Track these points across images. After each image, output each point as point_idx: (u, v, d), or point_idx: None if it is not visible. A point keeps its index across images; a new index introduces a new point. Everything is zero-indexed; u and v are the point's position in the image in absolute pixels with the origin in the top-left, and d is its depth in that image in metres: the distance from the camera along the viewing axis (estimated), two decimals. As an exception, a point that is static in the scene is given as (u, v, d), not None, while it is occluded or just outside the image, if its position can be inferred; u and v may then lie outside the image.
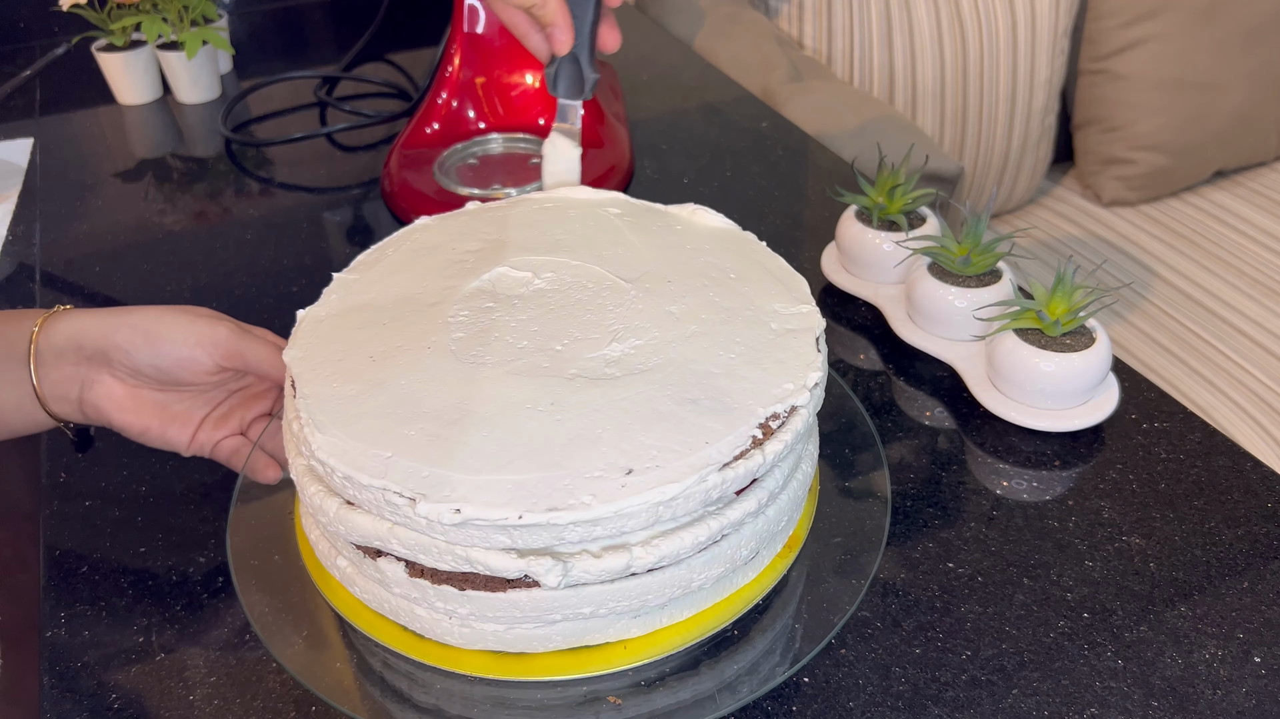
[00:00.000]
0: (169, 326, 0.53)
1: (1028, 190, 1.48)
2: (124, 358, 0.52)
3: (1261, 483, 0.57)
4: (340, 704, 0.46)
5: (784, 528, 0.50)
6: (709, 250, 0.55)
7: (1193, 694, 0.47)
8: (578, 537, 0.41)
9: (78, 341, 0.53)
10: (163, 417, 0.55)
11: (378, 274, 0.54)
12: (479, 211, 0.59)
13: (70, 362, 0.53)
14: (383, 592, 0.46)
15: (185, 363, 0.53)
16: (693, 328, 0.49)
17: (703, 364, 0.47)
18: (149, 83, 1.10)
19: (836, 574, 0.50)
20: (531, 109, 0.92)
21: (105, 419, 0.54)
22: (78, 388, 0.54)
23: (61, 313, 0.54)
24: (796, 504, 0.50)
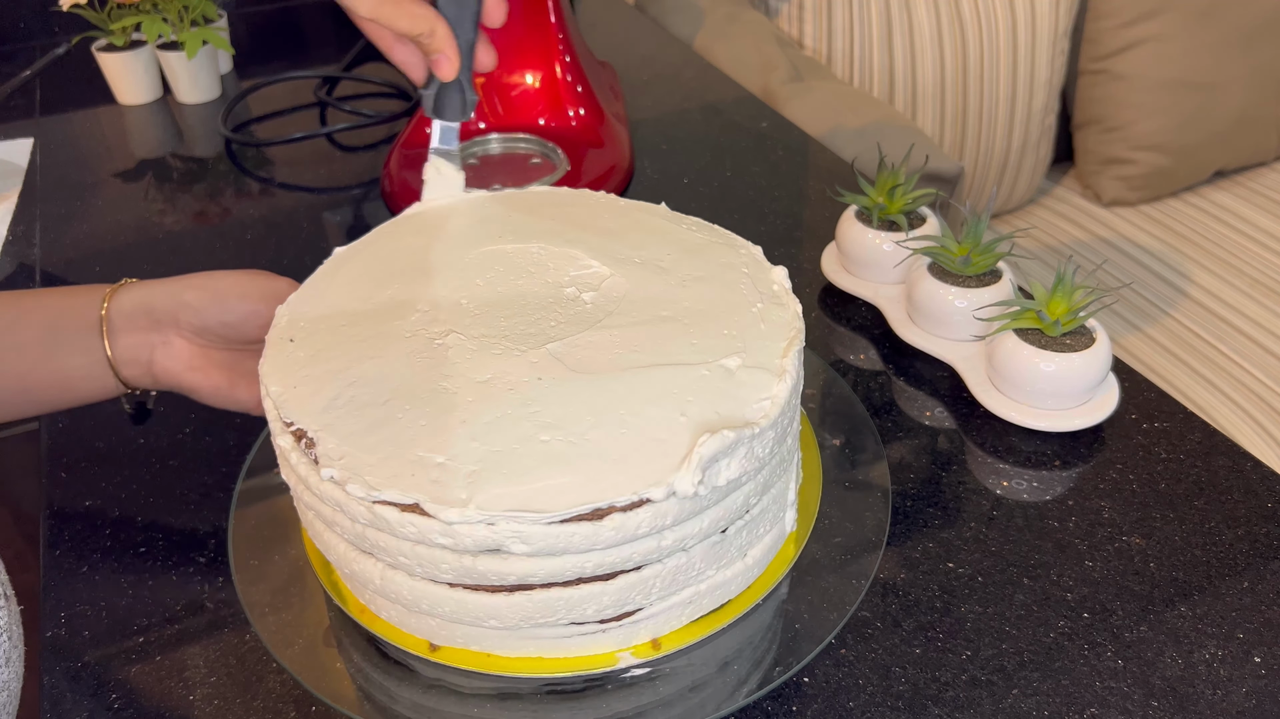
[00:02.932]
0: (234, 284, 0.56)
1: (1028, 190, 1.48)
2: (193, 317, 0.55)
3: (1261, 483, 0.57)
4: (340, 704, 0.46)
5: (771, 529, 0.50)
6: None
7: (1193, 694, 0.47)
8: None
9: (148, 305, 0.55)
10: (231, 375, 0.56)
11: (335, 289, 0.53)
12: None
13: (141, 327, 0.55)
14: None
15: (251, 317, 0.55)
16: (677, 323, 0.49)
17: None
18: (149, 83, 1.10)
19: (836, 574, 0.50)
20: (531, 109, 0.92)
21: (176, 381, 0.56)
22: (148, 352, 0.56)
23: (129, 284, 0.56)
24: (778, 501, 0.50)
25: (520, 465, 0.41)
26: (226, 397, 0.57)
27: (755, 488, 0.46)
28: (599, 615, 0.45)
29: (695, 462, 0.41)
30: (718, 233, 0.56)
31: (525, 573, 0.42)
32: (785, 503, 0.50)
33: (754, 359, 0.46)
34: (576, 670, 0.46)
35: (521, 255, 0.54)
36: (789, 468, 0.50)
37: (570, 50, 0.91)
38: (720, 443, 0.42)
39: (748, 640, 0.48)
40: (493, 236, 0.55)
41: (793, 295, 0.50)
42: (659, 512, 0.41)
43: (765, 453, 0.44)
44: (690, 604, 0.47)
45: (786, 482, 0.50)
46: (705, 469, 0.41)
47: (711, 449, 0.41)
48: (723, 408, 0.43)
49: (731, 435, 0.42)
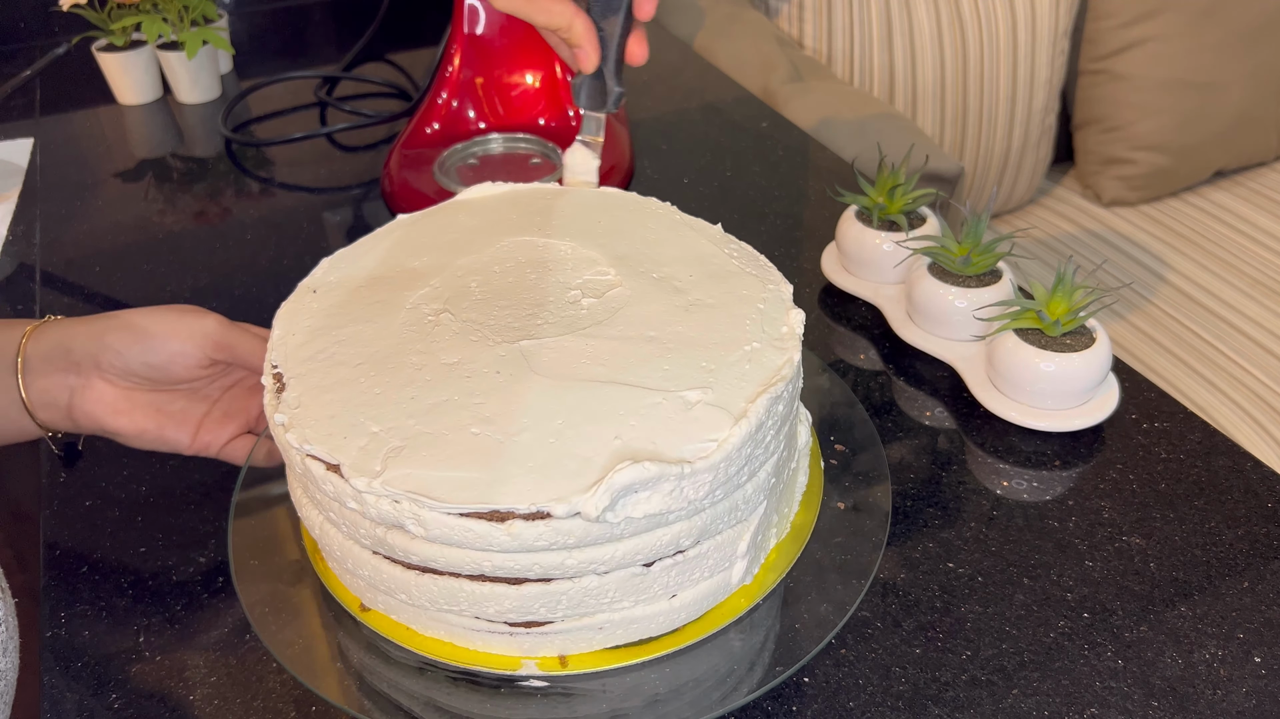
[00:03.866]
0: (157, 323, 0.53)
1: (1028, 190, 1.48)
2: (115, 358, 0.52)
3: (1261, 483, 0.57)
4: (340, 704, 0.46)
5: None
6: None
7: (1193, 694, 0.47)
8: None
9: (66, 346, 0.53)
10: (159, 417, 0.54)
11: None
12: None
13: (59, 368, 0.53)
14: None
15: (176, 357, 0.53)
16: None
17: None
18: (149, 83, 1.10)
19: (836, 574, 0.50)
20: (531, 109, 0.92)
21: (98, 425, 0.54)
22: (67, 394, 0.53)
23: (50, 321, 0.54)
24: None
25: (441, 451, 0.42)
26: (155, 438, 0.54)
27: (690, 530, 0.44)
28: (503, 617, 0.45)
29: (605, 487, 0.39)
30: (756, 263, 0.53)
31: (427, 556, 0.43)
32: (733, 554, 0.47)
33: (718, 397, 0.44)
34: (479, 666, 0.46)
35: (548, 251, 0.54)
36: (746, 518, 0.47)
37: (570, 50, 0.91)
38: (638, 474, 0.40)
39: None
40: (533, 227, 0.56)
41: (798, 342, 0.47)
42: (561, 529, 0.40)
43: (699, 495, 0.42)
44: (602, 630, 0.46)
45: (740, 533, 0.46)
46: (616, 497, 0.40)
47: (627, 479, 0.40)
48: (661, 440, 0.42)
49: (654, 469, 0.40)
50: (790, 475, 0.52)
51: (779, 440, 0.47)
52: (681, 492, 0.41)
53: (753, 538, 0.47)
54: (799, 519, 0.53)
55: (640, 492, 0.41)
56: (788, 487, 0.52)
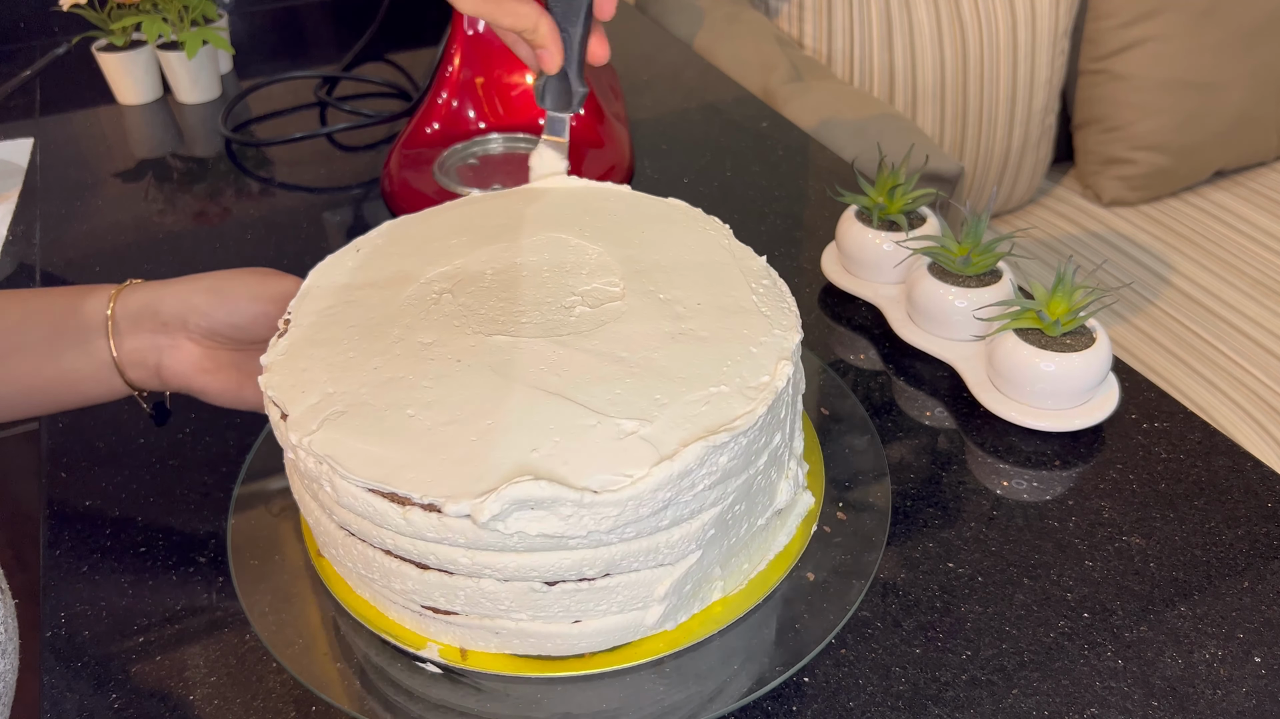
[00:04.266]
0: (241, 284, 0.55)
1: (1028, 190, 1.48)
2: (201, 319, 0.54)
3: (1261, 483, 0.57)
4: (340, 704, 0.46)
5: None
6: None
7: (1193, 694, 0.47)
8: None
9: (154, 308, 0.55)
10: (239, 376, 0.56)
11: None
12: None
13: (148, 329, 0.55)
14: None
15: (260, 318, 0.55)
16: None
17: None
18: (149, 83, 1.10)
19: (836, 574, 0.50)
20: (531, 109, 0.92)
21: (185, 383, 0.56)
22: (156, 354, 0.55)
23: (135, 284, 0.56)
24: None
25: (374, 425, 0.43)
26: (235, 397, 0.57)
27: (595, 560, 0.43)
28: (409, 597, 0.46)
29: (496, 497, 0.39)
30: (778, 305, 0.50)
31: (342, 518, 0.45)
32: (649, 596, 0.45)
33: (654, 433, 0.42)
34: (389, 635, 0.48)
35: (576, 253, 0.54)
36: (670, 563, 0.45)
37: (570, 50, 0.91)
38: (532, 491, 0.40)
39: (748, 640, 0.48)
40: (579, 227, 0.56)
41: (772, 396, 0.45)
42: (451, 526, 0.41)
43: (602, 528, 0.41)
44: (499, 635, 0.46)
45: (659, 576, 0.45)
46: (506, 508, 0.40)
47: (520, 494, 0.39)
48: (575, 463, 0.41)
49: (549, 490, 0.40)
50: (753, 533, 0.49)
51: (725, 493, 0.44)
52: (580, 519, 0.41)
53: (676, 585, 0.45)
54: (802, 518, 0.53)
55: (535, 509, 0.40)
56: (747, 544, 0.49)
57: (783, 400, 0.46)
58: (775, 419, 0.46)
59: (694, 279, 0.52)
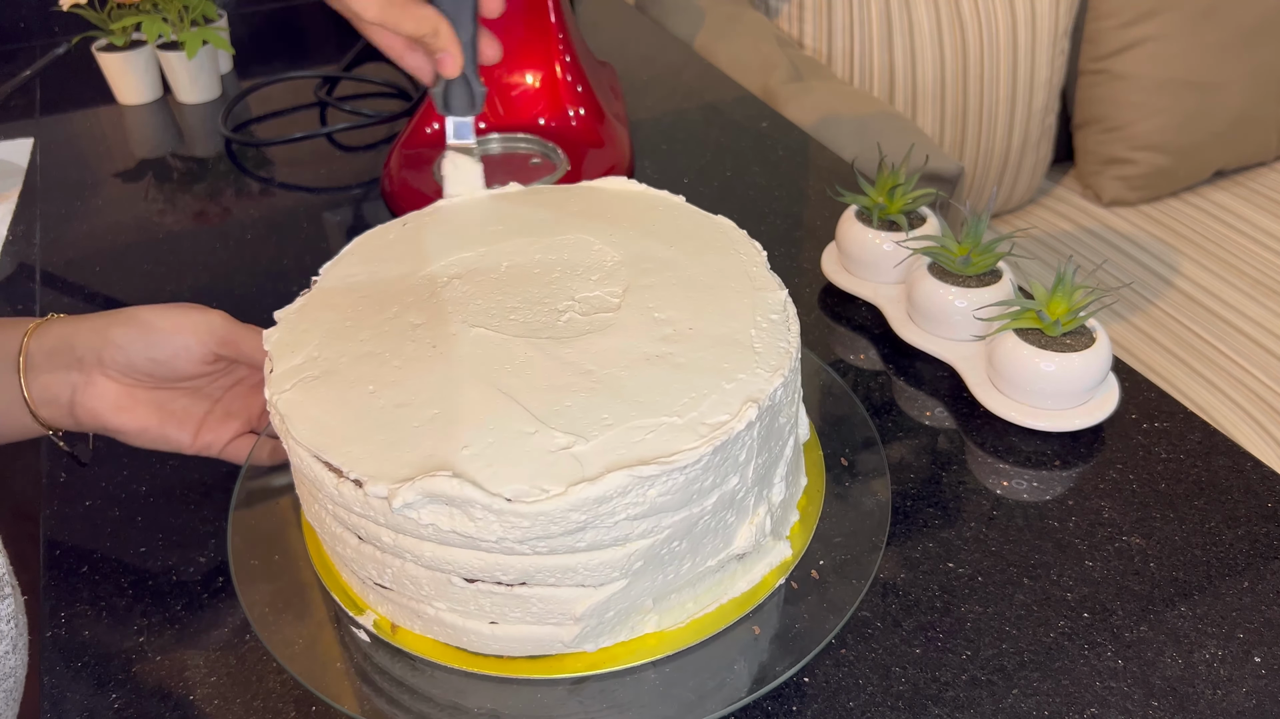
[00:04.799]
0: (162, 318, 0.53)
1: (1028, 190, 1.48)
2: (118, 353, 0.52)
3: (1261, 483, 0.57)
4: (340, 704, 0.46)
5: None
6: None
7: (1193, 694, 0.47)
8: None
9: (70, 342, 0.52)
10: (161, 414, 0.54)
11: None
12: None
13: (62, 365, 0.53)
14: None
15: (181, 352, 0.53)
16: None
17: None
18: (149, 83, 1.10)
19: (836, 574, 0.50)
20: (531, 109, 0.92)
21: (100, 422, 0.54)
22: (69, 391, 0.53)
23: (54, 319, 0.54)
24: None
25: (337, 395, 0.45)
26: (156, 436, 0.54)
27: (508, 567, 0.42)
28: (351, 564, 0.47)
29: (411, 486, 0.40)
30: (774, 343, 0.48)
31: (298, 471, 0.46)
32: (566, 613, 0.44)
33: (586, 452, 0.42)
34: (334, 592, 0.50)
35: (594, 257, 0.54)
36: (591, 586, 0.43)
37: (570, 50, 0.91)
38: (445, 487, 0.40)
39: (748, 640, 0.48)
40: (607, 231, 0.56)
41: (722, 437, 0.43)
42: (372, 505, 0.42)
43: (512, 537, 0.41)
44: (420, 619, 0.46)
45: (578, 596, 0.43)
46: (419, 499, 0.40)
47: (434, 487, 0.40)
48: (500, 468, 0.41)
49: (459, 489, 0.40)
50: (699, 574, 0.47)
51: (657, 527, 0.43)
52: (490, 525, 0.41)
53: (596, 609, 0.44)
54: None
55: (448, 506, 0.41)
56: (692, 584, 0.47)
57: (742, 443, 0.44)
58: (730, 461, 0.43)
59: (699, 302, 0.50)
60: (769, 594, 0.49)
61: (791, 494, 0.52)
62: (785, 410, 0.48)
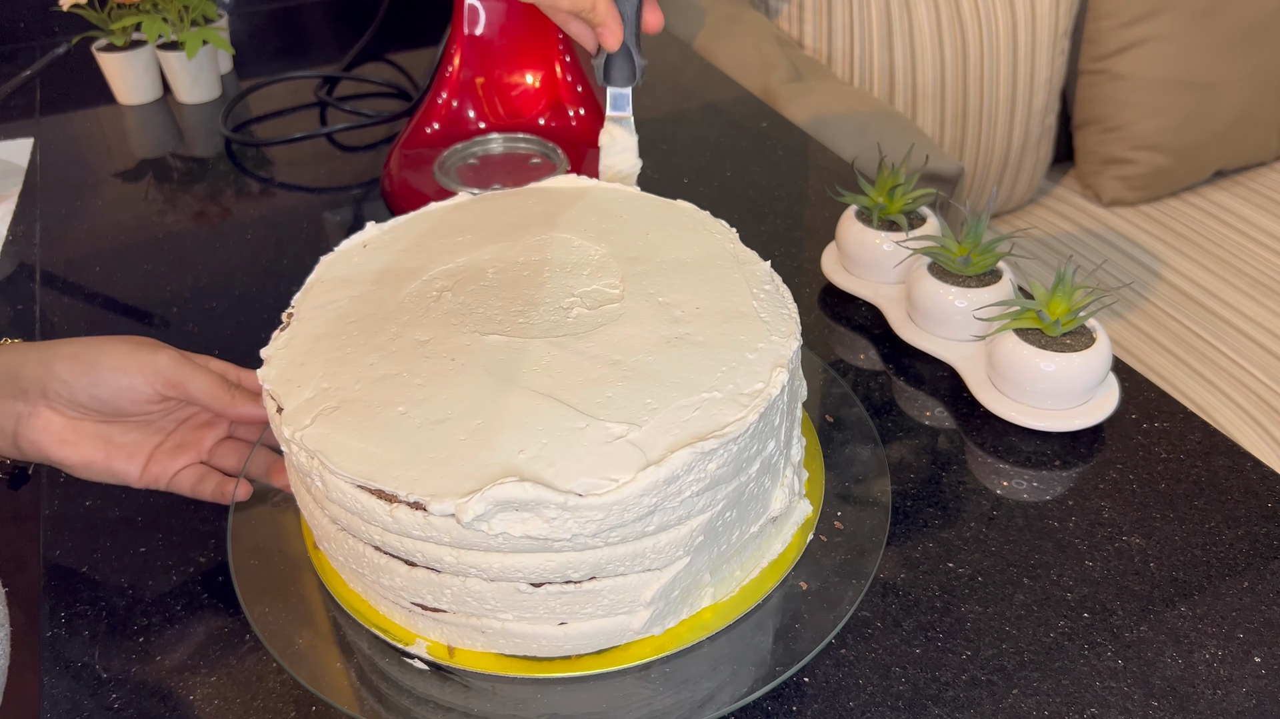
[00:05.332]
0: (108, 355, 0.52)
1: (1028, 190, 1.48)
2: (62, 388, 0.51)
3: (1261, 483, 0.57)
4: (340, 704, 0.46)
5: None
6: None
7: (1193, 694, 0.47)
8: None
9: (16, 372, 0.51)
10: (107, 449, 0.53)
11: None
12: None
13: (6, 394, 0.51)
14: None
15: (125, 392, 0.52)
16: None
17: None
18: (149, 83, 1.10)
19: (836, 574, 0.50)
20: (531, 109, 0.92)
21: (44, 454, 0.52)
22: (13, 422, 0.52)
23: (3, 345, 0.53)
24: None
25: (366, 421, 0.44)
26: (102, 470, 0.53)
27: (580, 563, 0.43)
28: (398, 593, 0.46)
29: (480, 497, 0.40)
30: (779, 311, 0.49)
31: (333, 513, 0.45)
32: (636, 600, 0.45)
33: (643, 437, 0.42)
34: (378, 629, 0.48)
35: (578, 253, 0.54)
36: (658, 568, 0.44)
37: (570, 50, 0.91)
38: (517, 493, 0.40)
39: (748, 640, 0.48)
40: (580, 227, 0.56)
41: (765, 403, 0.44)
42: (437, 524, 0.41)
43: (587, 531, 0.41)
44: (485, 634, 0.46)
45: (646, 581, 0.44)
46: (490, 509, 0.40)
47: (504, 495, 0.40)
48: (562, 465, 0.41)
49: (533, 492, 0.40)
50: (745, 541, 0.48)
51: (714, 500, 0.44)
52: (564, 523, 0.41)
53: (663, 590, 0.45)
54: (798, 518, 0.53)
55: (520, 511, 0.40)
56: (739, 551, 0.48)
57: (777, 408, 0.45)
58: (769, 427, 0.45)
59: (695, 282, 0.52)
60: (802, 553, 0.51)
61: (804, 455, 0.54)
62: (797, 375, 0.50)
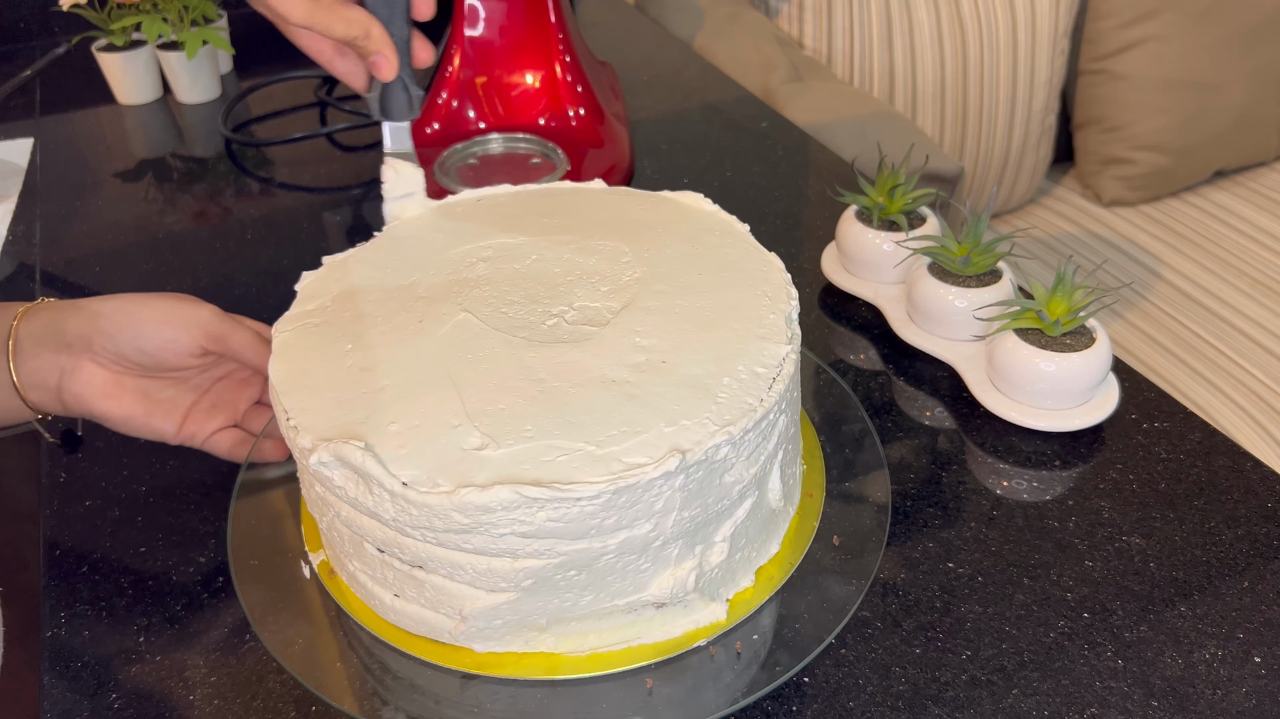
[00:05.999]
0: (151, 309, 0.53)
1: (1028, 190, 1.48)
2: (107, 341, 0.52)
3: (1261, 483, 0.57)
4: (340, 704, 0.46)
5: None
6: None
7: (1193, 694, 0.47)
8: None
9: (59, 327, 0.53)
10: (147, 403, 0.54)
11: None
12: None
13: (51, 349, 0.53)
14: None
15: (169, 344, 0.53)
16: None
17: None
18: (149, 83, 1.10)
19: (836, 574, 0.50)
20: (531, 109, 0.92)
21: (86, 408, 0.54)
22: (57, 375, 0.53)
23: (44, 304, 0.54)
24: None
25: (317, 343, 0.48)
26: (141, 425, 0.54)
27: (405, 547, 0.43)
28: (312, 509, 0.49)
29: (326, 446, 0.43)
30: (743, 393, 0.45)
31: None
32: (455, 608, 0.45)
33: (492, 457, 0.42)
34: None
35: (617, 269, 0.53)
36: (485, 591, 0.43)
37: (570, 50, 0.91)
38: (349, 456, 0.42)
39: (748, 640, 0.48)
40: (644, 241, 0.55)
41: (618, 482, 0.41)
42: (302, 456, 0.44)
43: (404, 520, 0.42)
44: (344, 572, 0.49)
45: (467, 595, 0.44)
46: (330, 462, 0.43)
47: (342, 454, 0.42)
48: (410, 449, 0.42)
49: (360, 460, 0.41)
50: (607, 612, 0.45)
51: (548, 551, 0.42)
52: (386, 503, 0.42)
53: (484, 613, 0.44)
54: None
55: (352, 474, 0.43)
56: (596, 620, 0.45)
57: (658, 492, 0.41)
58: (642, 507, 0.42)
59: (690, 338, 0.48)
60: (682, 653, 0.46)
61: (742, 558, 0.48)
62: (735, 470, 0.44)
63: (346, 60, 0.56)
